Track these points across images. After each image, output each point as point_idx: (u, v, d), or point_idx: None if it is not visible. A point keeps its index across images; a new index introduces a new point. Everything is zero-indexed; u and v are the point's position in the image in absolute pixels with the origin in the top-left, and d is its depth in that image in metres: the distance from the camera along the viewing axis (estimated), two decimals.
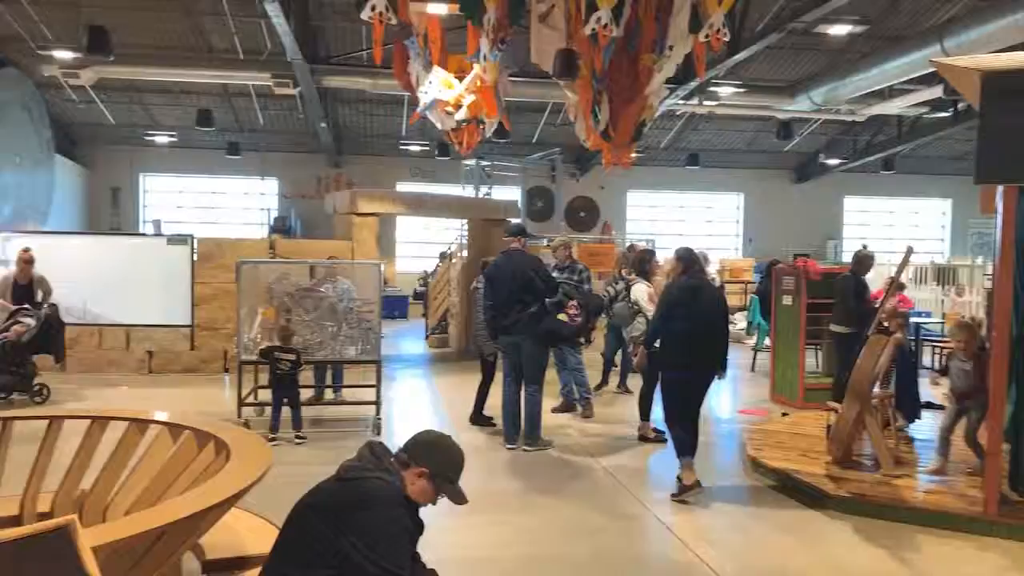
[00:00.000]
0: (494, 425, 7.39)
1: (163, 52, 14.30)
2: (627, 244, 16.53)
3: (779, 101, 15.33)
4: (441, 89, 9.74)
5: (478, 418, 7.60)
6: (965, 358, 5.56)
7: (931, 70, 10.47)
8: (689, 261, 5.66)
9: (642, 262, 7.71)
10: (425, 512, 2.79)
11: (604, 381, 9.33)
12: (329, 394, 8.56)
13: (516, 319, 6.56)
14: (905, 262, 6.75)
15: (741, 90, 15.08)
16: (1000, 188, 5.17)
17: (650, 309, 6.87)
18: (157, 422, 3.56)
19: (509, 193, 18.70)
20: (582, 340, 7.74)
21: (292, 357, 6.94)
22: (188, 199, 21.14)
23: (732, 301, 17.76)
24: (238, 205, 21.26)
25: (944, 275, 16.50)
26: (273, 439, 6.65)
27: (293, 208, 20.53)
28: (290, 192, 20.84)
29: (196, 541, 2.98)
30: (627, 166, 10.66)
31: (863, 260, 8.13)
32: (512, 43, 9.19)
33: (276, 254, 10.53)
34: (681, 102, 14.86)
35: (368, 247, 11.15)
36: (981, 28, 10.09)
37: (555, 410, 8.09)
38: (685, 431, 5.54)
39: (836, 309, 8.05)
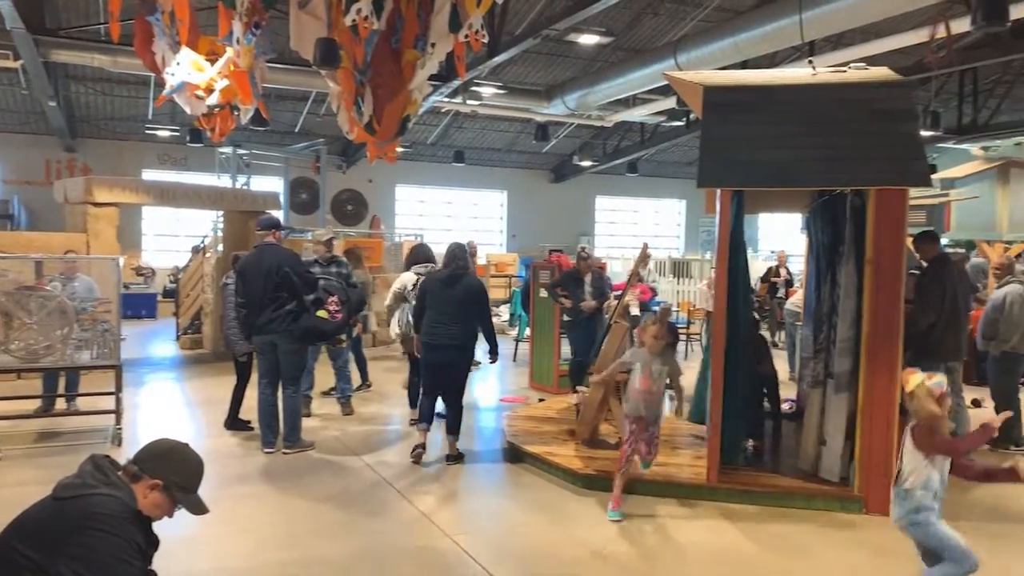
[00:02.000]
0: (251, 429, 7.06)
1: None
2: (397, 239, 16.53)
3: (537, 104, 16.10)
4: (190, 71, 9.07)
5: (234, 422, 7.22)
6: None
7: (667, 82, 11.54)
8: (450, 256, 6.34)
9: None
10: (172, 524, 2.61)
11: (364, 378, 9.22)
12: (63, 404, 7.68)
13: (271, 317, 6.30)
14: (641, 257, 7.38)
15: (502, 91, 15.64)
16: (718, 191, 5.82)
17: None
18: None
19: (270, 184, 17.91)
20: (343, 337, 7.62)
21: None
22: None
23: (497, 295, 18.41)
24: None
25: (679, 268, 18.35)
26: None
27: (16, 196, 18.12)
28: (12, 178, 18.39)
29: None
30: (392, 160, 10.64)
31: (578, 261, 8.66)
32: (270, 28, 8.80)
33: None
34: (446, 99, 15.11)
35: (106, 240, 10.14)
36: (708, 47, 11.27)
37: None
38: (426, 402, 6.38)
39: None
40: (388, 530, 4.91)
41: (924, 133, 15.60)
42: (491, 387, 10.00)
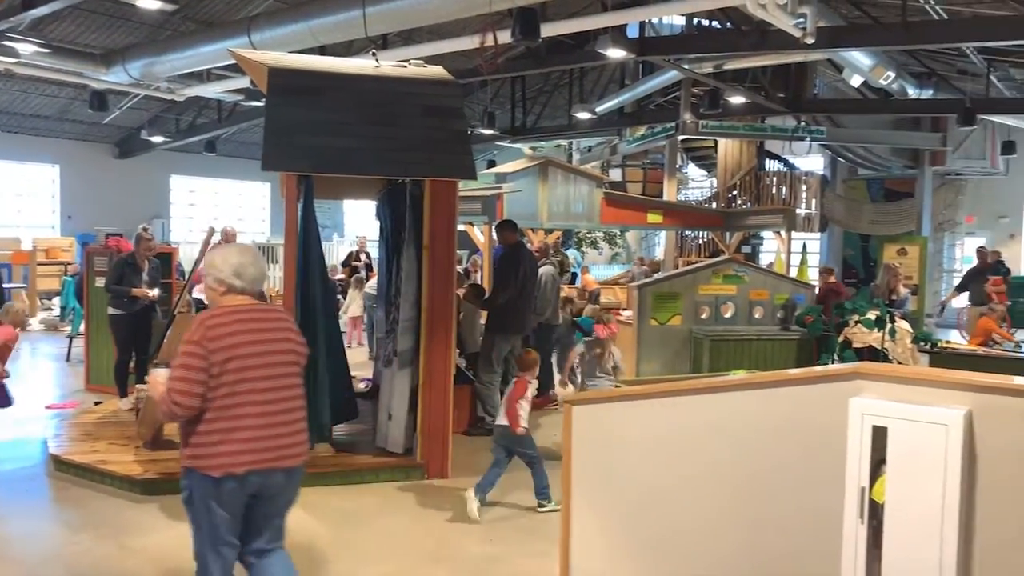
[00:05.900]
0: None
1: None
2: None
3: (93, 69, 14.20)
4: None
5: None
6: None
7: None
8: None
9: None
10: None
11: None
12: None
13: None
14: (207, 243, 7.00)
15: (46, 51, 13.50)
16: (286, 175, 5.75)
17: None
18: None
19: None
20: None
21: None
22: None
23: (48, 284, 16.07)
24: None
25: (268, 253, 17.91)
26: None
27: None
28: None
29: None
30: None
31: (137, 245, 7.58)
32: None
33: None
34: None
35: None
36: (283, 28, 11.01)
37: None
38: None
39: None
40: None
41: (484, 131, 17.43)
42: (36, 392, 8.65)
